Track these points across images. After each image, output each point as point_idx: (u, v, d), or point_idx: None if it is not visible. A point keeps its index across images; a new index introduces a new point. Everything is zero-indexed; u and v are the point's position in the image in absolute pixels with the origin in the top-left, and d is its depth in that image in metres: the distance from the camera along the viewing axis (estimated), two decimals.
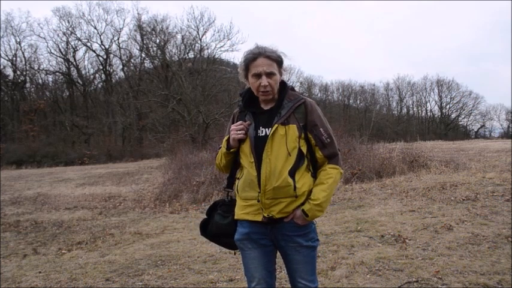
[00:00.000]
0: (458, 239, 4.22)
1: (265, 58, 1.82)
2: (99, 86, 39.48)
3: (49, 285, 3.92)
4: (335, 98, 53.00)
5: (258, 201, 1.83)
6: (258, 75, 1.83)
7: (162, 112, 29.06)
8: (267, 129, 1.85)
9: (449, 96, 52.24)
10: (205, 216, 2.09)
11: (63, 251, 5.38)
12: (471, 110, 52.15)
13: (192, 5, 54.09)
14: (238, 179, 1.95)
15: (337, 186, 1.95)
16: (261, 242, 1.89)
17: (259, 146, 1.84)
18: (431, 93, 53.29)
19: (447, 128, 51.50)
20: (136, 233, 6.13)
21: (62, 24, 36.75)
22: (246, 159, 1.88)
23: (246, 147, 1.88)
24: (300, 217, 1.84)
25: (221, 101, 30.70)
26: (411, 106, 54.78)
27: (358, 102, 53.25)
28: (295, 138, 1.83)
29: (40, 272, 4.38)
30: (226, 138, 1.95)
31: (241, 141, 1.89)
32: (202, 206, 8.14)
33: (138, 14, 43.36)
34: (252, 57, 1.83)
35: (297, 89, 2.05)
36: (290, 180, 1.80)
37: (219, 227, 1.99)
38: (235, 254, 2.13)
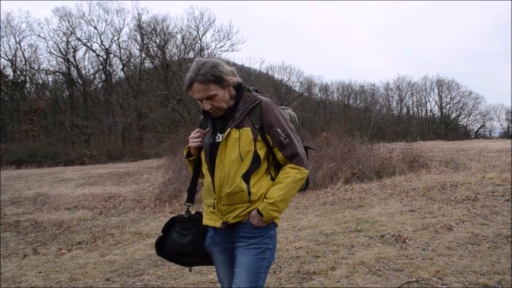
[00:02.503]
0: (458, 239, 4.22)
1: (198, 83, 1.74)
2: (99, 86, 39.51)
3: (49, 285, 3.92)
4: (335, 98, 52.98)
5: (214, 207, 1.81)
6: (200, 100, 1.80)
7: (162, 112, 29.07)
8: (222, 134, 1.80)
9: (449, 96, 52.28)
10: (161, 234, 1.95)
11: (63, 251, 5.38)
12: (471, 110, 52.20)
13: (192, 5, 54.15)
14: (203, 185, 1.94)
15: (297, 187, 1.80)
16: (226, 246, 1.86)
17: (215, 152, 1.80)
18: (431, 93, 53.34)
19: (447, 128, 51.49)
20: (136, 233, 6.13)
21: (62, 24, 36.88)
22: (204, 166, 1.87)
23: (202, 155, 1.87)
24: (254, 217, 1.76)
25: None
26: (411, 106, 54.84)
27: (358, 102, 53.26)
28: (249, 141, 1.75)
29: (40, 272, 4.38)
30: (187, 146, 1.94)
31: (200, 149, 1.88)
32: (202, 206, 8.14)
33: (138, 14, 43.36)
34: (188, 84, 1.78)
35: (297, 89, 2.02)
36: (244, 185, 1.74)
37: (177, 245, 1.87)
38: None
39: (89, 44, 36.07)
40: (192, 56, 32.97)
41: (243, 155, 1.74)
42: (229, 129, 1.76)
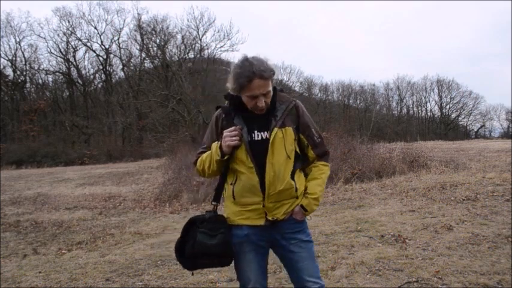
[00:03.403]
0: (458, 239, 4.22)
1: (260, 79, 1.73)
2: (99, 86, 39.46)
3: (49, 285, 3.92)
4: (335, 98, 52.95)
5: (263, 206, 1.83)
6: (254, 97, 1.77)
7: (162, 112, 29.07)
8: (262, 133, 1.82)
9: (449, 96, 52.24)
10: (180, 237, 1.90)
11: (63, 251, 5.38)
12: (471, 110, 52.14)
13: (192, 5, 54.14)
14: (231, 184, 1.88)
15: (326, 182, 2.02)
16: (259, 244, 1.89)
17: (256, 150, 1.80)
18: (431, 93, 53.29)
19: (447, 128, 51.48)
20: (136, 233, 6.13)
21: (62, 24, 36.71)
22: (243, 164, 1.83)
23: (241, 153, 1.82)
24: (298, 212, 1.88)
25: (221, 101, 30.48)
26: (411, 106, 54.79)
27: (358, 102, 53.22)
28: (292, 140, 1.85)
29: (40, 272, 4.38)
30: (217, 144, 1.84)
31: (234, 147, 1.82)
32: (202, 206, 8.14)
33: (138, 14, 43.17)
34: (248, 80, 1.73)
35: (297, 89, 2.05)
36: (292, 182, 1.84)
37: (205, 247, 1.80)
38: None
39: (89, 44, 36.08)
40: (192, 56, 33.03)
41: (290, 154, 1.83)
42: (276, 129, 1.81)
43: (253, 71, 1.72)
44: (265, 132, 1.82)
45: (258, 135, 1.83)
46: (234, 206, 1.89)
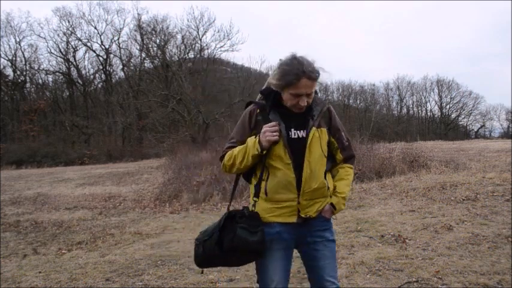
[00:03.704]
0: (458, 239, 4.22)
1: (307, 79, 1.75)
2: (99, 86, 39.43)
3: (49, 285, 3.92)
4: (335, 98, 52.89)
5: (299, 203, 1.85)
6: (297, 96, 1.79)
7: (162, 112, 29.05)
8: (299, 131, 1.85)
9: (449, 96, 52.20)
10: (216, 228, 1.86)
11: (63, 251, 5.38)
12: (471, 110, 52.11)
13: (192, 5, 54.10)
14: (264, 180, 1.87)
15: None
16: (289, 243, 1.91)
17: (293, 147, 1.83)
18: (431, 93, 53.24)
19: (447, 128, 51.46)
20: (136, 233, 6.13)
21: (62, 24, 36.66)
22: (280, 161, 1.83)
23: (279, 149, 1.83)
24: (328, 210, 1.92)
25: (221, 101, 30.70)
26: (411, 106, 54.75)
27: (358, 102, 53.19)
28: (326, 141, 1.91)
29: (40, 272, 4.38)
30: (256, 139, 1.81)
31: (273, 143, 1.82)
32: (202, 206, 8.14)
33: (138, 14, 43.17)
34: (295, 78, 1.74)
35: None
36: (325, 181, 1.90)
37: (246, 243, 1.78)
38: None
39: (89, 44, 36.04)
40: (192, 56, 33.01)
41: (325, 153, 1.90)
42: (314, 128, 1.85)
43: (303, 70, 1.74)
44: (302, 131, 1.86)
45: (294, 133, 1.86)
46: (265, 203, 1.88)
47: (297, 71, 1.74)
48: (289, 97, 1.81)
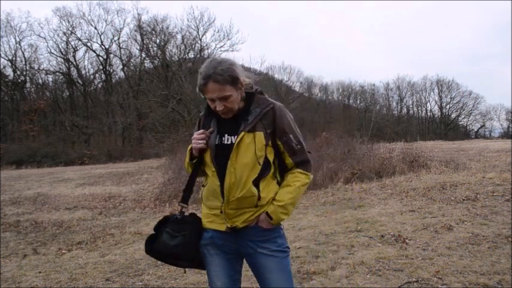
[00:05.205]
0: (458, 239, 4.22)
1: (214, 83, 1.67)
2: (99, 86, 39.45)
3: (49, 285, 3.92)
4: (335, 98, 52.99)
5: (221, 212, 1.77)
6: (212, 100, 1.73)
7: (162, 112, 29.05)
8: (232, 137, 1.75)
9: (449, 96, 52.22)
10: (153, 232, 1.90)
11: (63, 251, 5.38)
12: (471, 110, 52.12)
13: (192, 5, 54.11)
14: (203, 186, 1.89)
15: (304, 191, 1.84)
16: (225, 249, 1.83)
17: (222, 154, 1.75)
18: (431, 93, 53.26)
19: (447, 128, 51.47)
20: (136, 233, 6.13)
21: (62, 24, 36.57)
22: (209, 168, 1.81)
23: (207, 156, 1.80)
24: (264, 220, 1.76)
25: None
26: (411, 106, 54.77)
27: (358, 102, 53.24)
28: (261, 146, 1.73)
29: (40, 272, 4.38)
30: (190, 147, 1.86)
31: (203, 150, 1.80)
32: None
33: (138, 14, 43.21)
34: (203, 83, 1.69)
35: (297, 89, 2.00)
36: (254, 190, 1.73)
37: (165, 247, 1.81)
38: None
39: (89, 44, 36.07)
40: (192, 56, 33.01)
41: (253, 160, 1.72)
42: (242, 133, 1.72)
43: (210, 74, 1.67)
44: (234, 136, 1.75)
45: (228, 139, 1.77)
46: (204, 209, 1.88)
47: (204, 75, 1.69)
48: (209, 102, 1.76)
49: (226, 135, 1.78)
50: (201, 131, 1.81)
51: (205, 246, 1.85)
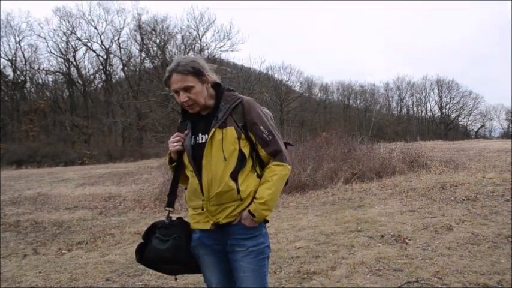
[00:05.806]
0: (458, 239, 4.22)
1: (177, 74, 1.76)
2: (99, 86, 39.47)
3: (49, 285, 3.92)
4: (335, 98, 52.98)
5: (203, 209, 1.79)
6: (177, 92, 1.79)
7: (162, 112, 29.07)
8: (206, 135, 1.79)
9: (449, 96, 52.28)
10: (142, 240, 1.93)
11: (63, 251, 5.38)
12: (471, 110, 52.19)
13: (192, 5, 54.02)
14: (185, 188, 1.92)
15: (283, 183, 1.84)
16: (215, 248, 1.84)
17: (198, 153, 1.79)
18: (431, 93, 53.34)
19: (447, 128, 51.50)
20: (136, 233, 6.13)
21: (62, 24, 36.56)
22: (188, 169, 1.85)
23: (185, 158, 1.85)
24: (246, 218, 1.77)
25: None
26: (411, 106, 54.84)
27: (358, 102, 53.27)
28: (233, 140, 1.76)
29: (40, 272, 4.38)
30: (168, 152, 1.92)
31: (181, 153, 1.86)
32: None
33: (138, 14, 43.13)
34: (168, 76, 1.79)
35: (297, 89, 2.02)
36: (232, 183, 1.75)
37: (156, 252, 1.83)
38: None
39: (89, 44, 36.07)
40: (192, 56, 32.99)
41: (227, 155, 1.75)
42: (213, 130, 1.76)
43: (173, 67, 1.78)
44: (207, 134, 1.80)
45: (202, 137, 1.81)
46: (190, 210, 1.90)
47: (169, 68, 1.79)
48: (176, 96, 1.82)
49: (200, 134, 1.83)
50: (176, 133, 1.88)
51: (195, 248, 1.87)
